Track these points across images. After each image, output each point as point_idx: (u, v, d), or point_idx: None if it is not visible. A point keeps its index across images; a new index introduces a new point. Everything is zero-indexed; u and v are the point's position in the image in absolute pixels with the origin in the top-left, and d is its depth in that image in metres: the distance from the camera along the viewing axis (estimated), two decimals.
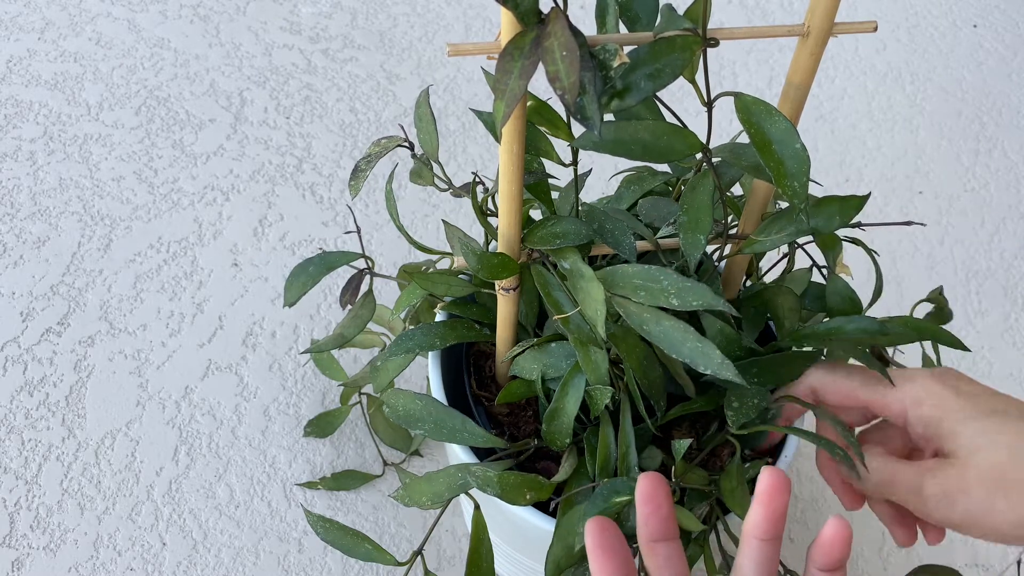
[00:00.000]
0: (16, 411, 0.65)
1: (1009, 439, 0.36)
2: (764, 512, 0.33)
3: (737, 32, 0.35)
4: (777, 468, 0.33)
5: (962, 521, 0.37)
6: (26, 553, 0.59)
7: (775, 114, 0.35)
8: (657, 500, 0.35)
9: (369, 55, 0.98)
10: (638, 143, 0.38)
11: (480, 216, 0.45)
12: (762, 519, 0.33)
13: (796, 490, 0.68)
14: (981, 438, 0.37)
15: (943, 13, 1.18)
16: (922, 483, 0.38)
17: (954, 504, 0.37)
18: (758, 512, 0.33)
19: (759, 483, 0.33)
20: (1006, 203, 0.95)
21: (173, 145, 0.85)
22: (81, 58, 0.91)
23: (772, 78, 1.04)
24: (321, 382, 0.70)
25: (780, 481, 0.33)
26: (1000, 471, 0.36)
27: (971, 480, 0.37)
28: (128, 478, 0.63)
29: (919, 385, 0.40)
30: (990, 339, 0.82)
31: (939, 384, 0.40)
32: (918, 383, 0.40)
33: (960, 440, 0.38)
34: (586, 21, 1.03)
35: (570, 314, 0.42)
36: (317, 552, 0.61)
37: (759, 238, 0.42)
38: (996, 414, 0.37)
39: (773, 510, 0.33)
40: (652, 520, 0.35)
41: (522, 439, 0.48)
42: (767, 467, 0.33)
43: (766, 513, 0.33)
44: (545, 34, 0.29)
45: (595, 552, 0.34)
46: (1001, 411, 0.38)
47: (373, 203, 0.83)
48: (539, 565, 0.50)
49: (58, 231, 0.76)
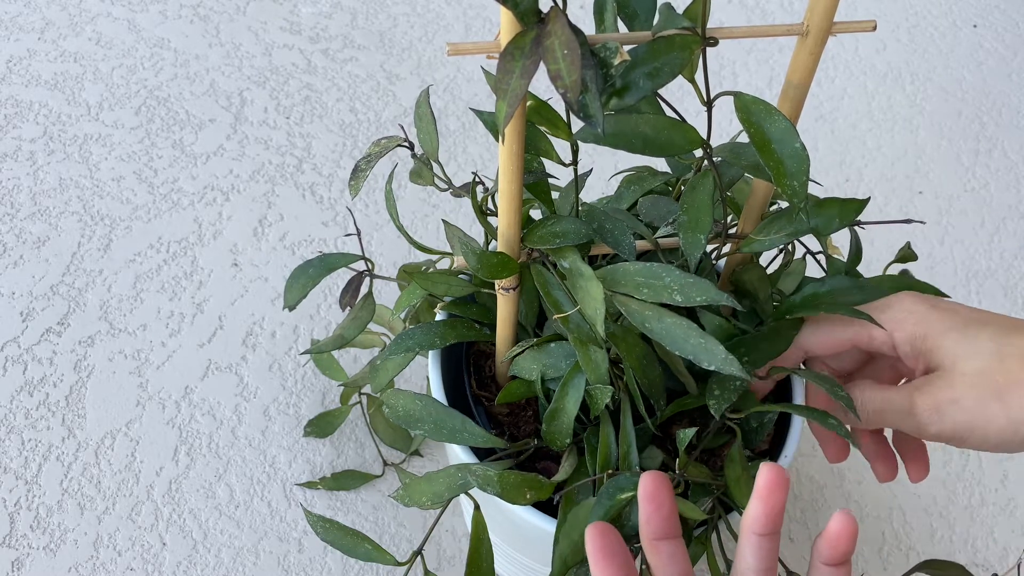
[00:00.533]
0: (16, 411, 0.65)
1: (991, 344, 0.37)
2: (763, 508, 0.33)
3: (736, 31, 0.35)
4: (776, 464, 0.33)
5: (956, 431, 0.37)
6: (26, 553, 0.59)
7: (775, 114, 0.36)
8: (659, 498, 0.35)
9: (369, 55, 0.98)
10: (639, 136, 0.38)
11: (480, 216, 0.45)
12: (761, 514, 0.34)
13: (796, 490, 0.68)
14: (964, 346, 0.37)
15: (943, 13, 1.18)
16: (913, 401, 0.38)
17: (946, 415, 0.37)
18: (757, 507, 0.34)
19: (758, 479, 0.33)
20: (1006, 203, 0.95)
21: (173, 145, 0.85)
22: (81, 58, 0.91)
23: (772, 78, 1.04)
24: (321, 382, 0.70)
25: (779, 477, 0.33)
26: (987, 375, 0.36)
27: (960, 388, 0.37)
28: (128, 478, 0.63)
29: (897, 308, 0.40)
30: None
31: (917, 302, 0.40)
32: (895, 307, 0.40)
33: (944, 352, 0.38)
34: (585, 20, 1.03)
35: (570, 313, 0.42)
36: (317, 552, 0.61)
37: (758, 237, 0.42)
38: (975, 323, 0.38)
39: (772, 506, 0.33)
40: (655, 518, 0.35)
41: (522, 439, 0.48)
42: (766, 463, 0.33)
43: (765, 508, 0.33)
44: (545, 33, 0.29)
45: (596, 556, 0.35)
46: (979, 320, 0.38)
47: (373, 203, 0.83)
48: (539, 565, 0.50)
49: (58, 231, 0.76)
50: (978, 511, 0.69)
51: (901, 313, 0.40)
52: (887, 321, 0.40)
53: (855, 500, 0.68)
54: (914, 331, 0.39)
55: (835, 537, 0.33)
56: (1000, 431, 0.36)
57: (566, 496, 0.43)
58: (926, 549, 0.66)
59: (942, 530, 0.67)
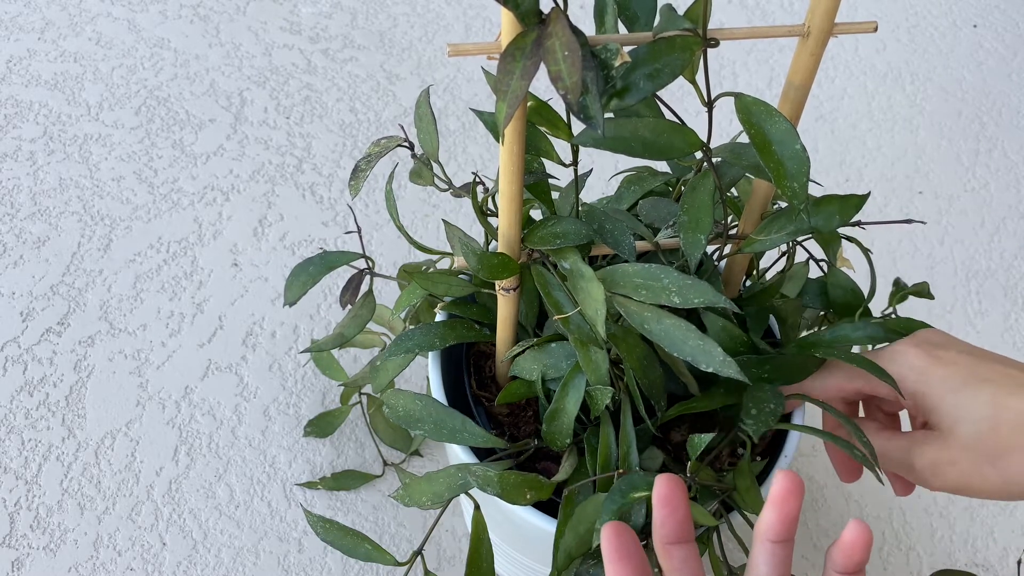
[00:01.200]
0: (16, 411, 0.65)
1: (988, 409, 0.38)
2: (777, 515, 0.34)
3: (737, 32, 0.35)
4: (791, 472, 0.33)
5: (954, 488, 0.39)
6: (26, 553, 0.59)
7: (775, 115, 0.36)
8: (674, 502, 0.35)
9: (369, 55, 0.98)
10: (638, 140, 0.38)
11: (480, 216, 0.45)
12: (775, 521, 0.34)
13: None
14: (961, 411, 0.39)
15: (943, 13, 1.18)
16: (912, 457, 0.40)
17: (943, 475, 0.39)
18: (771, 515, 0.34)
19: (773, 486, 0.33)
20: (1006, 203, 0.95)
21: (173, 145, 0.85)
22: (81, 58, 0.91)
23: (772, 78, 1.04)
24: (321, 382, 0.70)
25: (794, 484, 0.33)
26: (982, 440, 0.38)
27: (955, 451, 0.39)
28: (128, 478, 0.63)
29: (900, 362, 0.42)
30: (990, 339, 0.82)
31: (919, 357, 0.41)
32: (899, 360, 0.42)
33: (942, 414, 0.40)
34: (585, 21, 1.03)
35: (570, 314, 0.42)
36: (317, 552, 0.61)
37: (759, 238, 0.42)
38: (974, 381, 0.39)
39: (786, 513, 0.33)
40: (669, 522, 0.35)
41: (522, 439, 0.48)
42: (781, 471, 0.33)
43: (779, 516, 0.34)
44: (546, 34, 0.29)
45: (612, 556, 0.35)
46: (978, 377, 0.39)
47: (373, 203, 0.83)
48: (539, 565, 0.50)
49: (58, 231, 0.76)
50: (978, 511, 0.69)
51: (904, 369, 0.41)
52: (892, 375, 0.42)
53: (855, 500, 0.68)
54: (915, 389, 0.41)
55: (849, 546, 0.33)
56: (995, 490, 0.38)
57: (567, 496, 0.43)
58: (926, 549, 0.66)
59: (942, 530, 0.67)
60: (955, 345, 0.42)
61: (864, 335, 0.44)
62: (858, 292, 0.48)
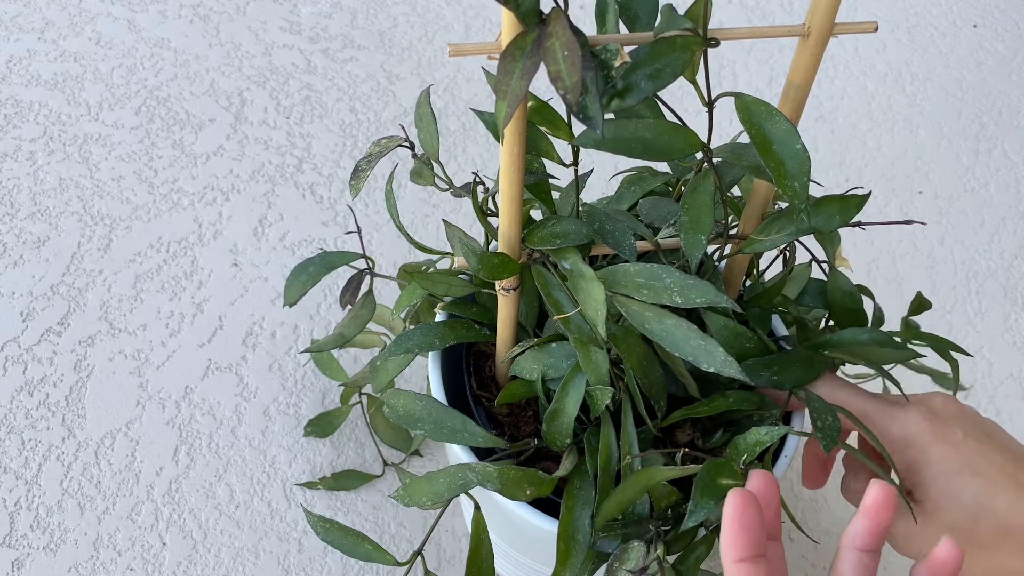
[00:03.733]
0: (16, 411, 0.65)
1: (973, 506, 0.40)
2: (868, 525, 0.34)
3: (737, 32, 0.35)
4: (885, 483, 0.34)
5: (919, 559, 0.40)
6: (26, 553, 0.59)
7: (776, 115, 0.36)
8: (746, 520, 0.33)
9: (369, 55, 0.98)
10: (638, 141, 0.38)
11: (480, 216, 0.45)
12: (865, 531, 0.34)
13: (795, 490, 0.68)
14: (948, 499, 0.41)
15: (943, 13, 1.18)
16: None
17: (916, 546, 0.42)
18: (862, 524, 0.34)
19: (866, 497, 0.34)
20: (1006, 203, 0.95)
21: (173, 145, 0.85)
22: (81, 58, 0.91)
23: (772, 78, 1.04)
24: (321, 382, 0.70)
25: (888, 497, 0.34)
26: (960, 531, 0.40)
27: (931, 532, 0.41)
28: (128, 478, 0.63)
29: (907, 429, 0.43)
30: (990, 339, 0.82)
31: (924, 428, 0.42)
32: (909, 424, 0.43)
33: (929, 494, 0.41)
34: (586, 21, 1.03)
35: (570, 314, 0.42)
36: (317, 552, 0.61)
37: (759, 238, 0.42)
38: (967, 473, 0.41)
39: (878, 523, 0.34)
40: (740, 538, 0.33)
41: (522, 439, 0.48)
42: (876, 480, 0.34)
43: (870, 526, 0.34)
44: (546, 34, 0.29)
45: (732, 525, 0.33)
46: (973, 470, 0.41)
47: (373, 203, 0.83)
48: (539, 565, 0.50)
49: (58, 231, 0.76)
50: None
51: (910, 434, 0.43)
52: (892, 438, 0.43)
53: None
54: (911, 457, 0.42)
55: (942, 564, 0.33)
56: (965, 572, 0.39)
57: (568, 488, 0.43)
58: None
59: None
60: (965, 423, 0.43)
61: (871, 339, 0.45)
62: (856, 296, 0.48)
